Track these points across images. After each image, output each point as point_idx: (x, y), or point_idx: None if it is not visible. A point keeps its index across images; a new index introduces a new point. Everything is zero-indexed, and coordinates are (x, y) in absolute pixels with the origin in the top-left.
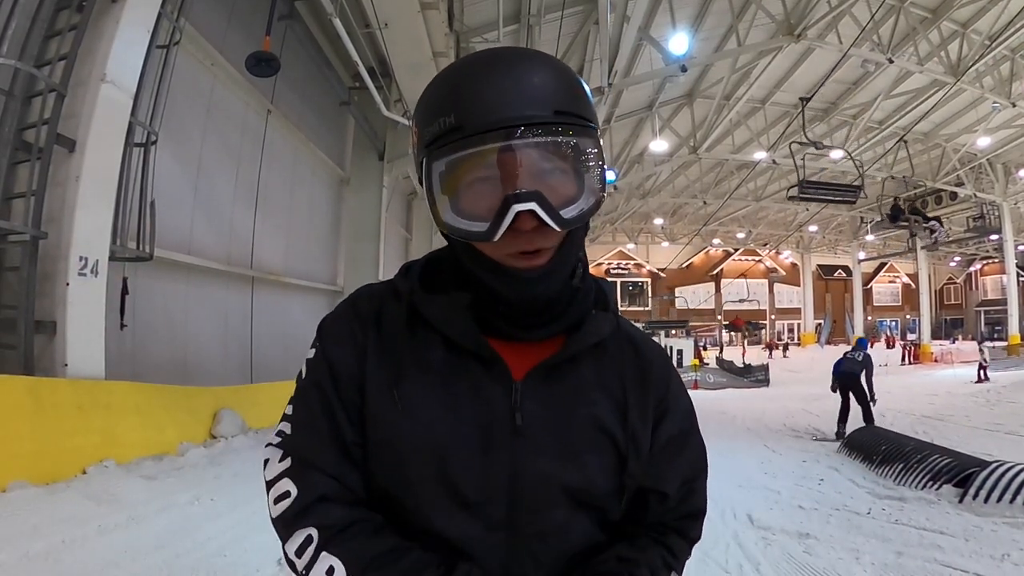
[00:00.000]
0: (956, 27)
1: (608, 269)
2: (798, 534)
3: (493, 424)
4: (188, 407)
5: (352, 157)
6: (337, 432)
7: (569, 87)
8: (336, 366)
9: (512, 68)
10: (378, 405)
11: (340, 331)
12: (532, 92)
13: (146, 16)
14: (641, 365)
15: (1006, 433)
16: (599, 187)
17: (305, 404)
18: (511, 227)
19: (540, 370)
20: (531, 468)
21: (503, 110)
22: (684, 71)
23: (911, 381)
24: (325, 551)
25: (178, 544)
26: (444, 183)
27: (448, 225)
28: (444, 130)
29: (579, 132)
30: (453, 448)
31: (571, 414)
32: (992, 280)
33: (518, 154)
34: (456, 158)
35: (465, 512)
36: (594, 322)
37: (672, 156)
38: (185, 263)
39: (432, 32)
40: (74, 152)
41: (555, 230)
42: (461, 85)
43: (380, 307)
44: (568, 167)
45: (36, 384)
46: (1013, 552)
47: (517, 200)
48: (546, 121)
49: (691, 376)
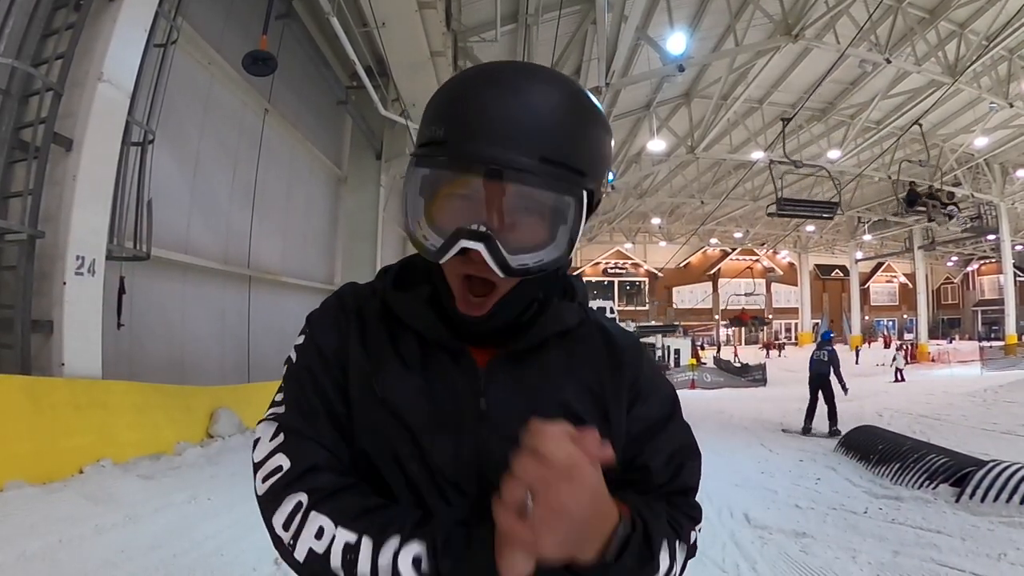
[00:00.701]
0: (954, 27)
1: (606, 268)
2: (795, 533)
3: (461, 410)
4: (185, 406)
5: (349, 156)
6: (329, 408)
7: (569, 130)
8: (324, 350)
9: (513, 96)
10: (359, 391)
11: (327, 320)
12: (524, 131)
13: (143, 15)
14: (613, 352)
15: (1003, 433)
16: (567, 242)
17: (298, 384)
18: (463, 253)
19: (503, 357)
20: (496, 451)
21: (488, 142)
22: (682, 71)
23: (908, 380)
24: (315, 511)
25: (175, 543)
26: (422, 188)
27: (408, 231)
28: (433, 139)
29: (561, 188)
30: (428, 432)
31: (536, 399)
32: (989, 280)
33: (488, 190)
34: (431, 175)
35: (438, 495)
36: (555, 310)
37: (670, 156)
38: (182, 262)
39: (429, 31)
40: (71, 151)
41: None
42: (459, 99)
43: (362, 303)
44: (540, 216)
45: (33, 383)
46: (1010, 551)
47: (468, 236)
48: (527, 169)
49: (688, 376)
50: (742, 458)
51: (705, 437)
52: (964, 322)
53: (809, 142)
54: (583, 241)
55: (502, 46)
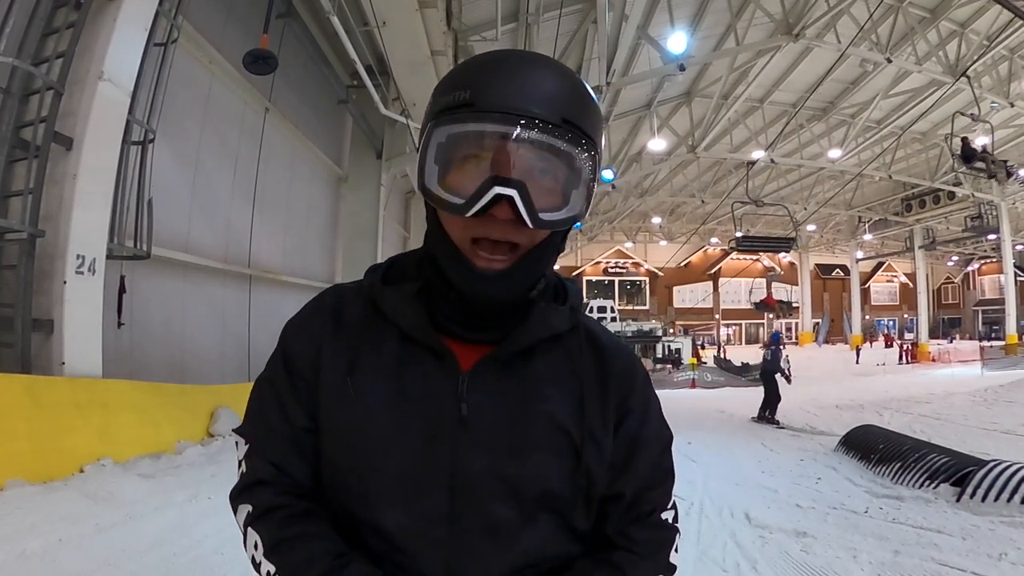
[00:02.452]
0: (955, 27)
1: (606, 267)
2: (795, 533)
3: (439, 415)
4: (185, 405)
5: (350, 155)
6: (284, 422)
7: (583, 102)
8: (291, 358)
9: (534, 68)
10: (331, 392)
11: (300, 326)
12: (547, 94)
13: (144, 14)
14: (602, 362)
15: (1003, 432)
16: (582, 205)
17: (259, 397)
18: (487, 211)
19: (487, 362)
20: (473, 460)
21: (515, 100)
22: (682, 70)
23: (908, 380)
24: (251, 527)
25: (175, 542)
26: (439, 152)
27: (428, 190)
28: (456, 103)
29: (580, 147)
30: (398, 436)
31: (521, 409)
32: (990, 280)
33: (517, 144)
34: (458, 131)
35: (407, 503)
36: (543, 314)
37: (670, 155)
38: (183, 261)
39: (430, 30)
40: (71, 150)
41: (526, 228)
42: (484, 68)
43: (341, 302)
44: (560, 175)
45: (33, 382)
46: (1010, 551)
47: (502, 183)
48: (553, 124)
49: (689, 375)
50: (742, 457)
51: (705, 436)
52: (965, 322)
53: (810, 141)
54: (583, 240)
55: (502, 45)
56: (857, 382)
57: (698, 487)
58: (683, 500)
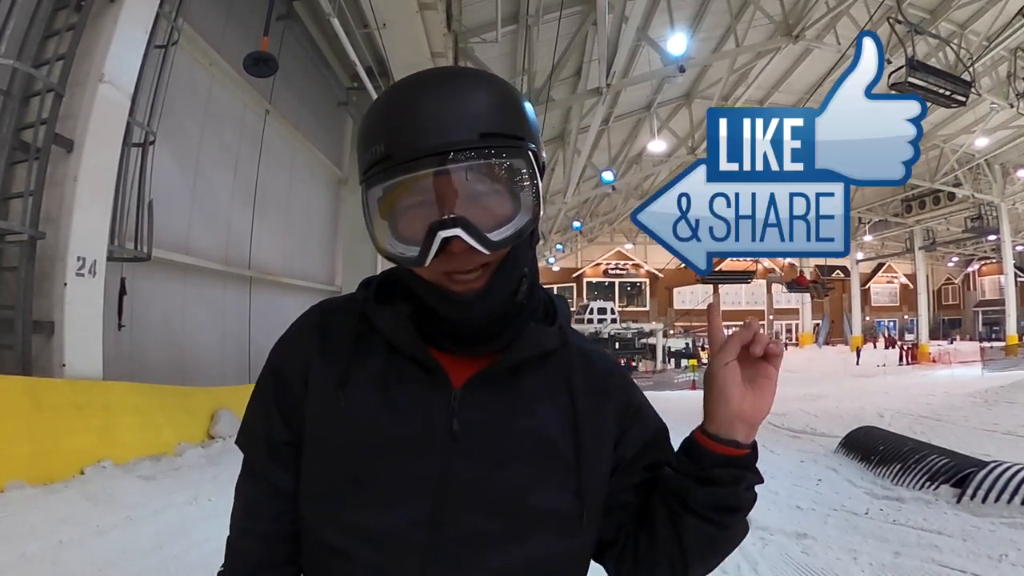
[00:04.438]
0: (954, 28)
1: (606, 269)
2: (796, 534)
3: (431, 429)
4: (186, 407)
5: (350, 157)
6: (268, 435)
7: (497, 105)
8: (279, 373)
9: (437, 93)
10: (319, 405)
11: (288, 340)
12: (456, 116)
13: (144, 16)
14: (593, 377)
15: (1004, 433)
16: (533, 203)
17: (250, 410)
18: (443, 250)
19: (479, 379)
20: (462, 473)
21: (428, 137)
22: (682, 72)
23: (909, 382)
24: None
25: (176, 544)
26: (380, 209)
27: (384, 251)
28: (376, 158)
29: (508, 152)
30: (389, 447)
31: (509, 425)
32: (990, 280)
33: (445, 180)
34: (387, 186)
35: (391, 509)
36: (533, 333)
37: (670, 156)
38: (183, 263)
39: (430, 32)
40: (72, 152)
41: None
42: (389, 113)
43: (329, 318)
44: (500, 187)
45: (34, 384)
46: (1011, 552)
47: (442, 227)
48: (472, 146)
49: (689, 376)
50: None
51: None
52: (965, 323)
53: None
54: (583, 242)
55: (502, 47)
56: (857, 383)
57: None
58: None
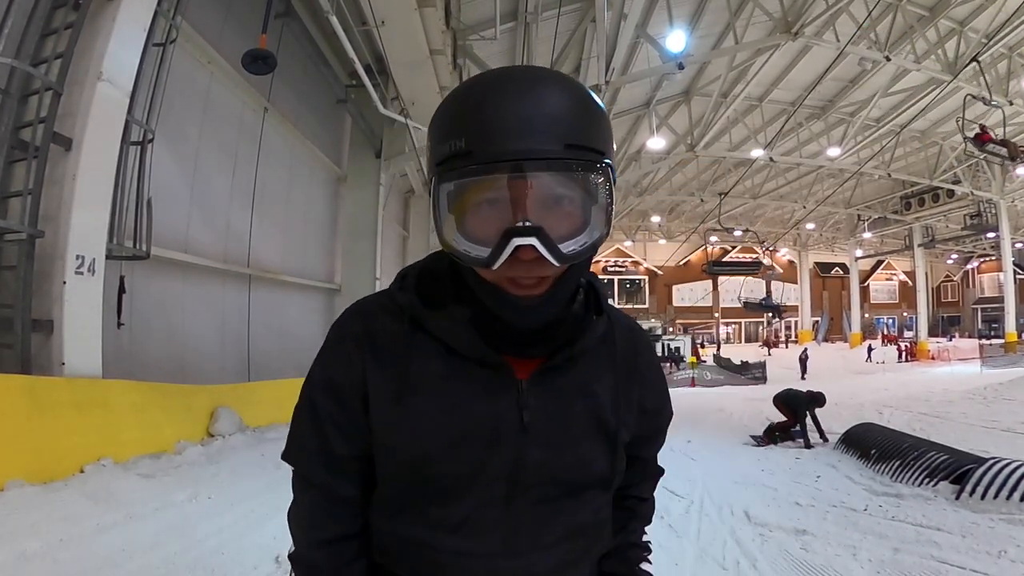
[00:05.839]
0: (953, 25)
1: (606, 266)
2: (795, 531)
3: (501, 422)
4: (185, 405)
5: (349, 155)
6: (323, 448)
7: (583, 116)
8: (333, 388)
9: (525, 95)
10: (386, 415)
11: (336, 354)
12: (544, 124)
13: (142, 14)
14: (630, 356)
15: (1003, 430)
16: (605, 221)
17: (299, 424)
18: (512, 256)
19: (543, 371)
20: (533, 458)
21: (513, 141)
22: (681, 69)
23: (908, 378)
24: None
25: (176, 542)
26: (451, 203)
27: (451, 247)
28: (454, 153)
29: (589, 167)
30: (461, 447)
31: (572, 408)
32: (989, 278)
33: (525, 185)
34: (462, 183)
35: (468, 498)
36: (592, 329)
37: (669, 154)
38: (182, 261)
39: (429, 29)
40: (71, 151)
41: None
42: (474, 108)
43: (372, 324)
44: (576, 201)
45: (33, 383)
46: (1009, 548)
47: (518, 234)
48: (556, 156)
49: (689, 373)
50: (742, 455)
51: (705, 435)
52: (964, 320)
53: (809, 140)
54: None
55: (501, 44)
56: (856, 380)
57: (698, 485)
58: (683, 498)
